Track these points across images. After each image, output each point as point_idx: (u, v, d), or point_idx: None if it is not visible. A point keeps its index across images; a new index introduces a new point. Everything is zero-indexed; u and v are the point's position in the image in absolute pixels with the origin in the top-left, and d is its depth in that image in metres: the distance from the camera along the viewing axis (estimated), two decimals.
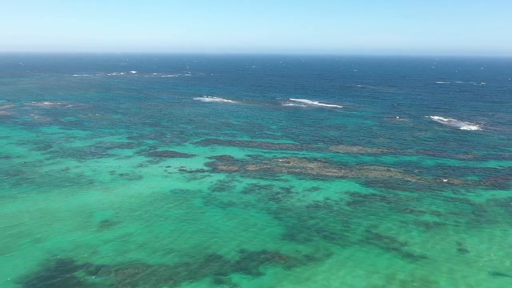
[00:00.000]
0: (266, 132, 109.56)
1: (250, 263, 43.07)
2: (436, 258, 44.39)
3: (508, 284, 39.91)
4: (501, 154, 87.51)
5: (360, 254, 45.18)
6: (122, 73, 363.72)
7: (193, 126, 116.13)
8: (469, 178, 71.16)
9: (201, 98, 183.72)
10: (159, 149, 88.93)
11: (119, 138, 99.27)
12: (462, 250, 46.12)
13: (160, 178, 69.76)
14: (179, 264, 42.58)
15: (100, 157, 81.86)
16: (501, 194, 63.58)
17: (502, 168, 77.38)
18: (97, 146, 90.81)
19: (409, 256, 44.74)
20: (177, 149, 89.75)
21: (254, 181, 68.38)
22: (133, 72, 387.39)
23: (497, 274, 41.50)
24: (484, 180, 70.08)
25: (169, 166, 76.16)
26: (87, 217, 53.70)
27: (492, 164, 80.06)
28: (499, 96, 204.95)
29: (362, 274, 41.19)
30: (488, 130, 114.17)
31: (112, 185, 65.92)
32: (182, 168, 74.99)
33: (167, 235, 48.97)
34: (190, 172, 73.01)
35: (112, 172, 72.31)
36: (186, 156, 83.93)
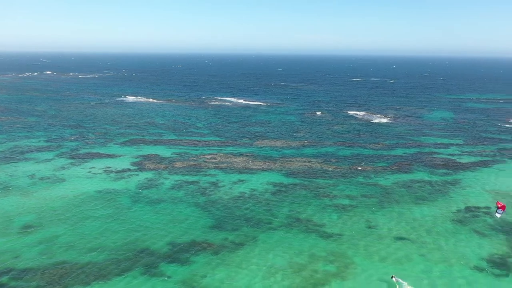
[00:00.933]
0: (193, 130, 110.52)
1: (181, 254, 44.50)
2: (352, 236, 49.30)
3: (413, 252, 45.71)
4: (406, 143, 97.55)
5: (286, 238, 48.69)
6: (35, 74, 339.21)
7: (117, 127, 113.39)
8: (378, 164, 78.75)
9: (124, 98, 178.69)
10: (82, 151, 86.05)
11: (37, 141, 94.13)
12: (373, 227, 51.63)
13: (84, 179, 68.03)
14: (109, 261, 42.73)
15: (17, 162, 77.35)
16: (405, 177, 71.49)
17: (406, 155, 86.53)
18: (12, 151, 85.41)
19: (329, 236, 49.15)
20: (101, 150, 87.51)
21: (182, 178, 69.48)
22: (48, 72, 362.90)
23: (404, 244, 47.29)
24: (391, 166, 78.06)
25: (93, 167, 74.35)
26: (6, 223, 51.24)
27: (398, 151, 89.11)
28: (407, 91, 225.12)
29: (287, 256, 44.57)
30: (396, 122, 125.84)
31: (32, 189, 63.07)
32: (108, 169, 73.66)
33: (95, 236, 48.54)
34: (116, 172, 72.03)
35: (31, 176, 68.96)
36: (111, 156, 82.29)
